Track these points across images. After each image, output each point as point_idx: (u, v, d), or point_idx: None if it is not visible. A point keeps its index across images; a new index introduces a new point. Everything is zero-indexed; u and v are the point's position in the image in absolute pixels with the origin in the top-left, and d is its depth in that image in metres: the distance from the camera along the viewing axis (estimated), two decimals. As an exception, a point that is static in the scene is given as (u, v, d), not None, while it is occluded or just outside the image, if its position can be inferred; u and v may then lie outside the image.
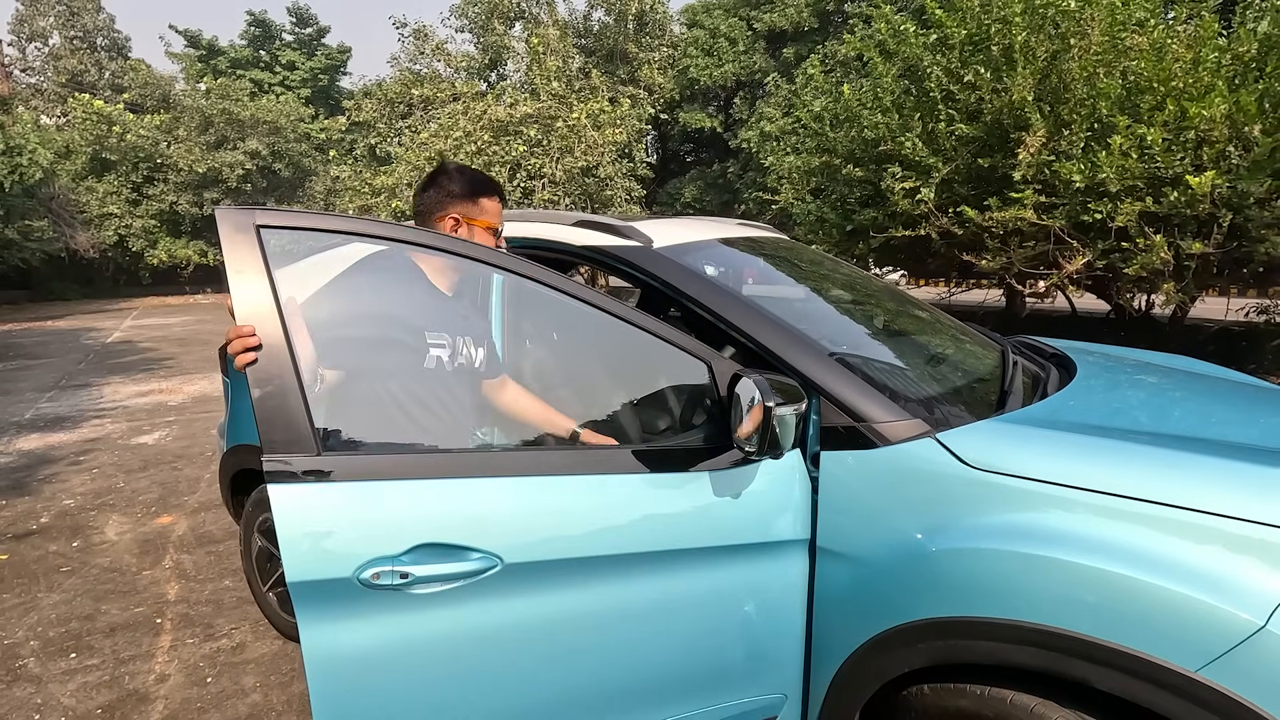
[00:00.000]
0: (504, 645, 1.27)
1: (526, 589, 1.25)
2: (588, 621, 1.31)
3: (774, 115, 15.05)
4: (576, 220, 1.84)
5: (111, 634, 2.62)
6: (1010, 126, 6.76)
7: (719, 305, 1.52)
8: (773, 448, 1.21)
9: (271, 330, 1.17)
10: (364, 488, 1.19)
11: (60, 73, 24.86)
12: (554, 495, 1.29)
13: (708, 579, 1.36)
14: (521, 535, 1.24)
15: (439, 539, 1.20)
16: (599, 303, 1.40)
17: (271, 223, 1.23)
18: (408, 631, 1.21)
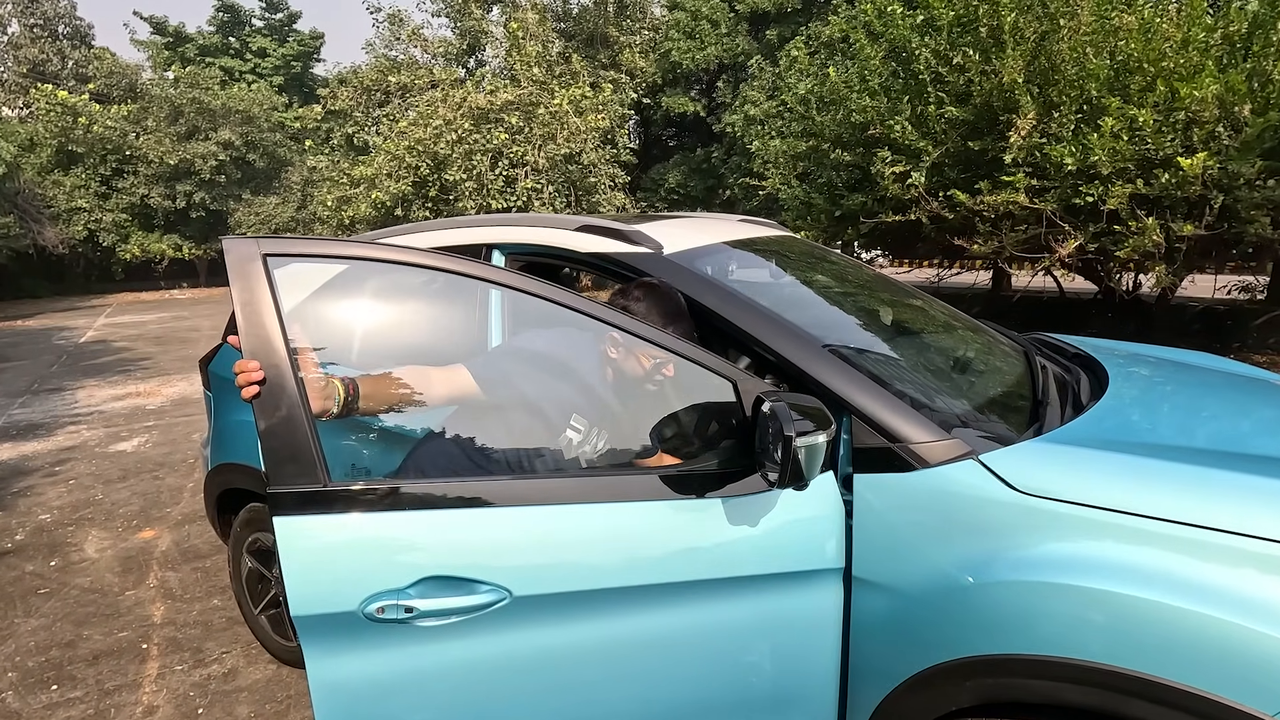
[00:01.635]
0: (513, 679, 1.23)
1: (537, 622, 1.21)
2: (600, 655, 1.25)
3: (758, 98, 14.88)
4: (580, 225, 1.73)
5: (95, 662, 2.50)
6: (1000, 109, 6.70)
7: (738, 317, 1.43)
8: (795, 479, 1.12)
9: (279, 360, 1.14)
10: (368, 518, 1.16)
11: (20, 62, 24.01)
12: (565, 524, 1.23)
13: (731, 610, 1.29)
14: (531, 567, 1.20)
15: (446, 571, 1.16)
16: (617, 321, 1.31)
17: (278, 251, 1.18)
18: (415, 664, 1.18)
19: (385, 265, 1.31)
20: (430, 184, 13.92)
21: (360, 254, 1.29)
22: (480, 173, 13.58)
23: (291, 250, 1.21)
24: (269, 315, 1.14)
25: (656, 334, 1.31)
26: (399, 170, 13.93)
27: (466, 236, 1.90)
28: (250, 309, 1.14)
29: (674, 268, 1.57)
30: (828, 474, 1.28)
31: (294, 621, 1.13)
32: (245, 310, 1.14)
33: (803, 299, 1.86)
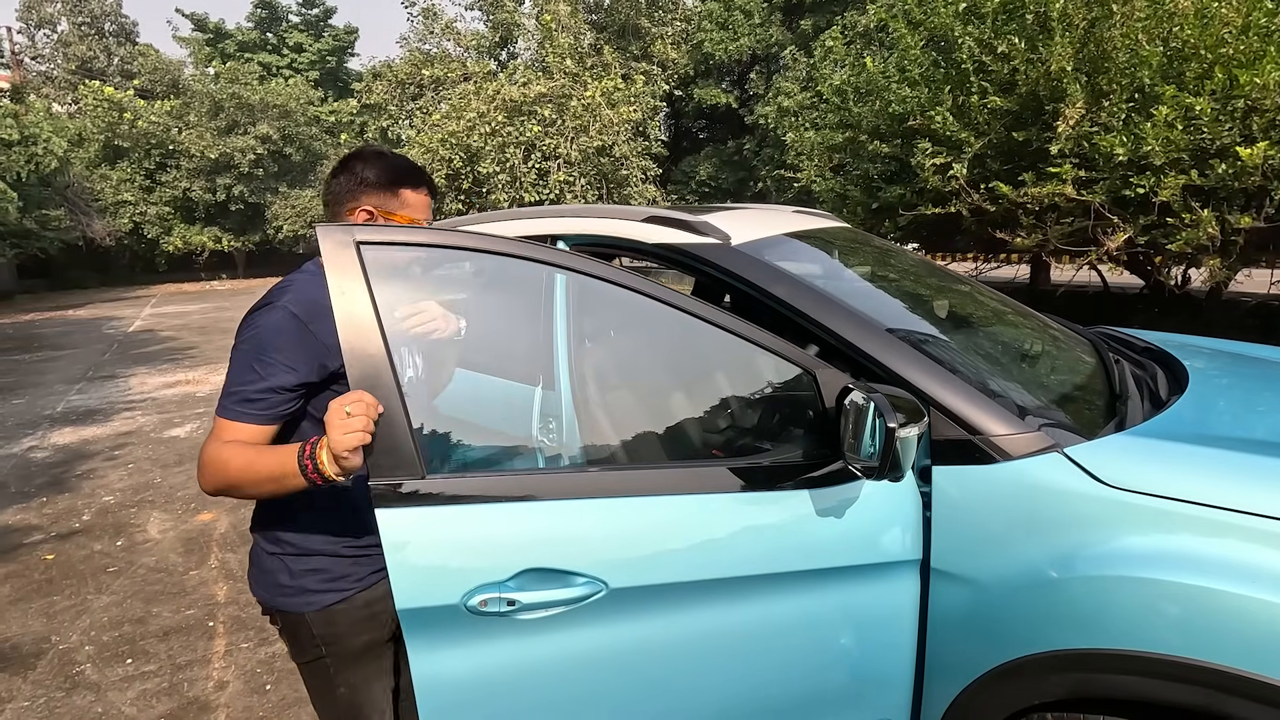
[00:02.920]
0: (609, 670, 1.25)
1: (631, 614, 1.22)
2: (691, 646, 1.27)
3: (792, 90, 14.72)
4: (647, 216, 1.74)
5: (165, 638, 2.60)
6: (1046, 98, 6.55)
7: (812, 308, 1.43)
8: (894, 469, 1.13)
9: (375, 350, 1.12)
10: (469, 511, 1.16)
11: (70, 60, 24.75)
12: (656, 516, 1.24)
13: (813, 601, 1.30)
14: (626, 559, 1.21)
15: (544, 564, 1.17)
16: (690, 308, 1.32)
17: (372, 239, 1.16)
18: (516, 657, 1.19)
19: (463, 254, 1.31)
20: (463, 176, 14.05)
21: (456, 243, 1.24)
22: (513, 165, 13.66)
23: (385, 238, 1.19)
24: (363, 304, 1.11)
25: (728, 318, 1.31)
26: (432, 163, 14.08)
27: (531, 227, 1.92)
28: (345, 298, 1.11)
29: (743, 258, 1.57)
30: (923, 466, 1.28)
31: (399, 615, 1.13)
32: (340, 299, 1.11)
33: (867, 291, 1.85)
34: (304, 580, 1.26)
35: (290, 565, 1.26)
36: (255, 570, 1.31)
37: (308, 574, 1.26)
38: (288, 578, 1.26)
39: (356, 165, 1.32)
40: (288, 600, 1.27)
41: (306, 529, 1.26)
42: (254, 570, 1.31)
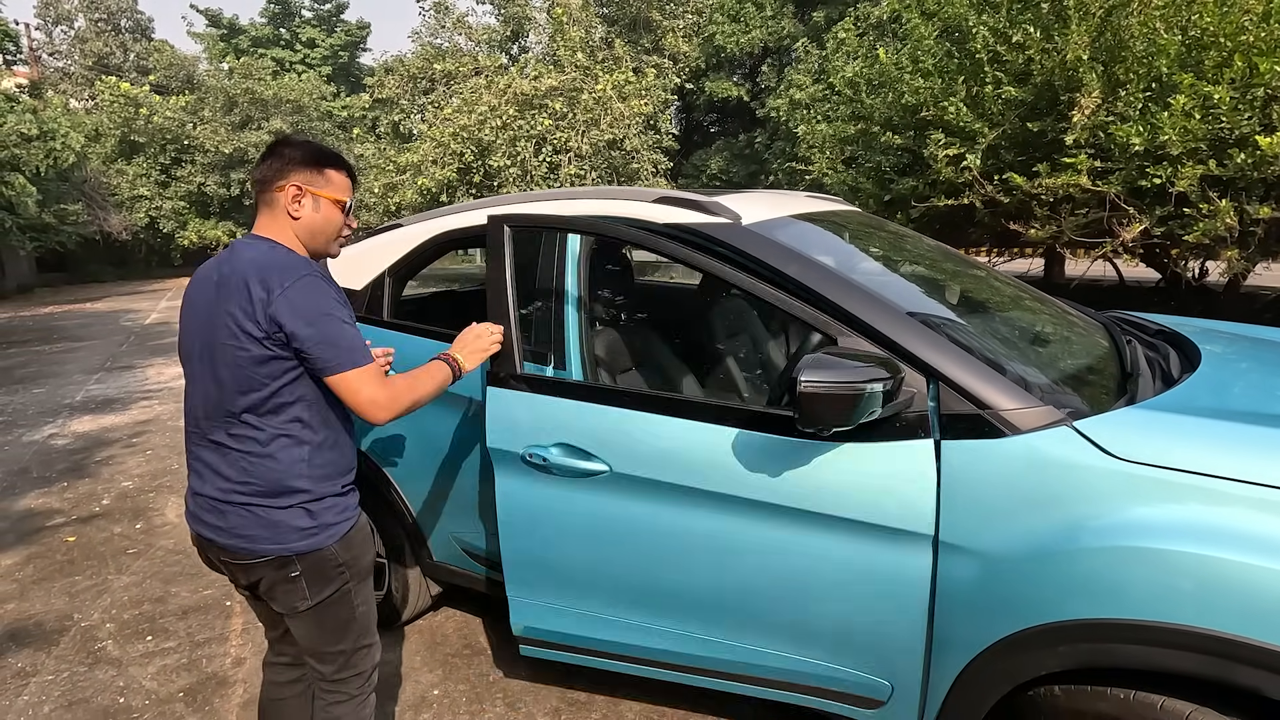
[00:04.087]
0: (619, 531, 1.63)
1: (635, 495, 1.58)
2: (677, 536, 1.57)
3: (804, 82, 14.63)
4: (657, 197, 1.76)
5: (184, 616, 2.65)
6: (1061, 88, 6.47)
7: (823, 286, 1.44)
8: (808, 423, 1.25)
9: (507, 295, 1.71)
10: (535, 397, 1.67)
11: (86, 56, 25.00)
12: (665, 429, 1.55)
13: (805, 541, 1.43)
14: (628, 453, 1.58)
15: (571, 441, 1.63)
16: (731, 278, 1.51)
17: (517, 222, 1.75)
18: (553, 498, 1.67)
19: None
20: (475, 170, 14.09)
21: (588, 229, 1.73)
22: (524, 159, 13.68)
23: (526, 221, 1.75)
24: (505, 269, 1.71)
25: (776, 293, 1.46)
26: (444, 157, 14.13)
27: (545, 209, 1.94)
28: (493, 263, 1.72)
29: (754, 237, 1.58)
30: (926, 442, 1.29)
31: (490, 452, 1.71)
32: (490, 265, 1.72)
33: (879, 272, 1.86)
34: (324, 517, 1.39)
35: (309, 508, 1.37)
36: (257, 530, 1.35)
37: (325, 511, 1.39)
38: (308, 519, 1.37)
39: (284, 149, 1.42)
40: (313, 539, 1.37)
41: (315, 477, 1.38)
42: (254, 532, 1.35)
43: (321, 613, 1.42)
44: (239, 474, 1.34)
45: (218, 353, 1.31)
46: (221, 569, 1.45)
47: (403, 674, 2.25)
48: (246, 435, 1.33)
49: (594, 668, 1.80)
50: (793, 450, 1.40)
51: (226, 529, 1.36)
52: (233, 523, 1.35)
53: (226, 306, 1.30)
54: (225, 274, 1.33)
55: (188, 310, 1.40)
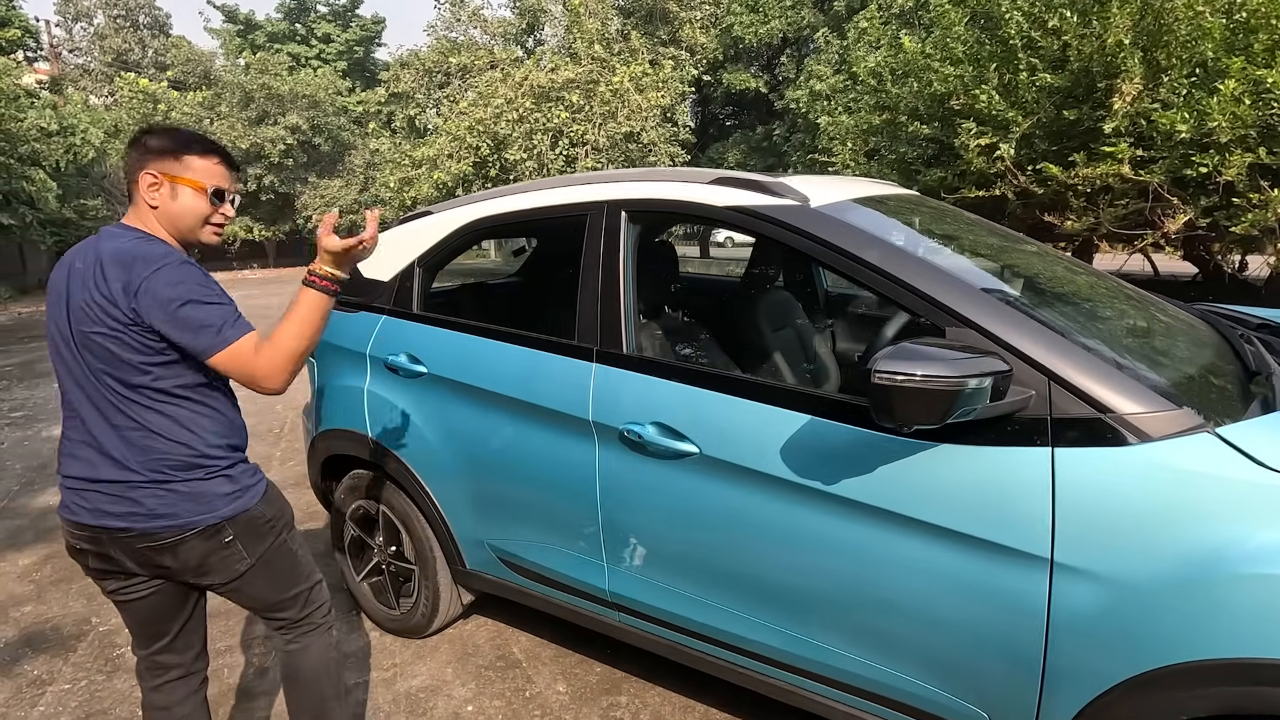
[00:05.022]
0: (705, 513, 1.60)
1: (722, 479, 1.54)
2: (766, 526, 1.50)
3: (824, 73, 14.35)
4: (715, 178, 1.62)
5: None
6: (1099, 74, 6.24)
7: (912, 275, 1.29)
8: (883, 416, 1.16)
9: (622, 283, 1.76)
10: (635, 376, 1.69)
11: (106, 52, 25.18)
12: (754, 414, 1.50)
13: (888, 544, 1.32)
14: (718, 436, 1.54)
15: (665, 421, 1.61)
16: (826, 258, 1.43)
17: (633, 207, 1.80)
18: (644, 475, 1.67)
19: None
20: (490, 164, 13.98)
21: (706, 215, 1.66)
22: (541, 152, 13.55)
23: (641, 206, 1.76)
24: (619, 252, 1.75)
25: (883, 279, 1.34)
26: (460, 151, 14.03)
27: (583, 194, 1.81)
28: (606, 248, 1.77)
29: (826, 220, 1.44)
30: (1035, 448, 1.14)
31: (593, 423, 1.72)
32: (594, 250, 1.79)
33: (963, 259, 1.70)
34: (242, 480, 1.42)
35: (229, 473, 1.40)
36: (181, 505, 1.33)
37: (241, 475, 1.42)
38: (230, 485, 1.39)
39: (144, 138, 1.40)
40: (239, 503, 1.40)
41: (224, 445, 1.40)
42: (178, 508, 1.33)
43: (268, 565, 1.45)
44: (145, 454, 1.32)
45: (91, 341, 1.29)
46: (112, 562, 1.36)
47: (433, 689, 2.13)
48: (147, 415, 1.32)
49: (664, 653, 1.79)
50: (881, 446, 1.29)
51: (143, 512, 1.32)
52: (150, 505, 1.32)
53: (92, 296, 1.28)
54: (88, 263, 1.31)
55: (54, 298, 1.35)
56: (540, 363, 1.81)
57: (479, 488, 1.98)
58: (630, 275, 1.72)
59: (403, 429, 2.08)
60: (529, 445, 1.85)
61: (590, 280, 1.75)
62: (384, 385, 2.13)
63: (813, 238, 1.41)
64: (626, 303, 1.70)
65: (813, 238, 1.41)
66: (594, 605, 1.85)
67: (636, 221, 1.76)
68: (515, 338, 1.89)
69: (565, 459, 1.77)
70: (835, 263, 1.38)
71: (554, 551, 1.87)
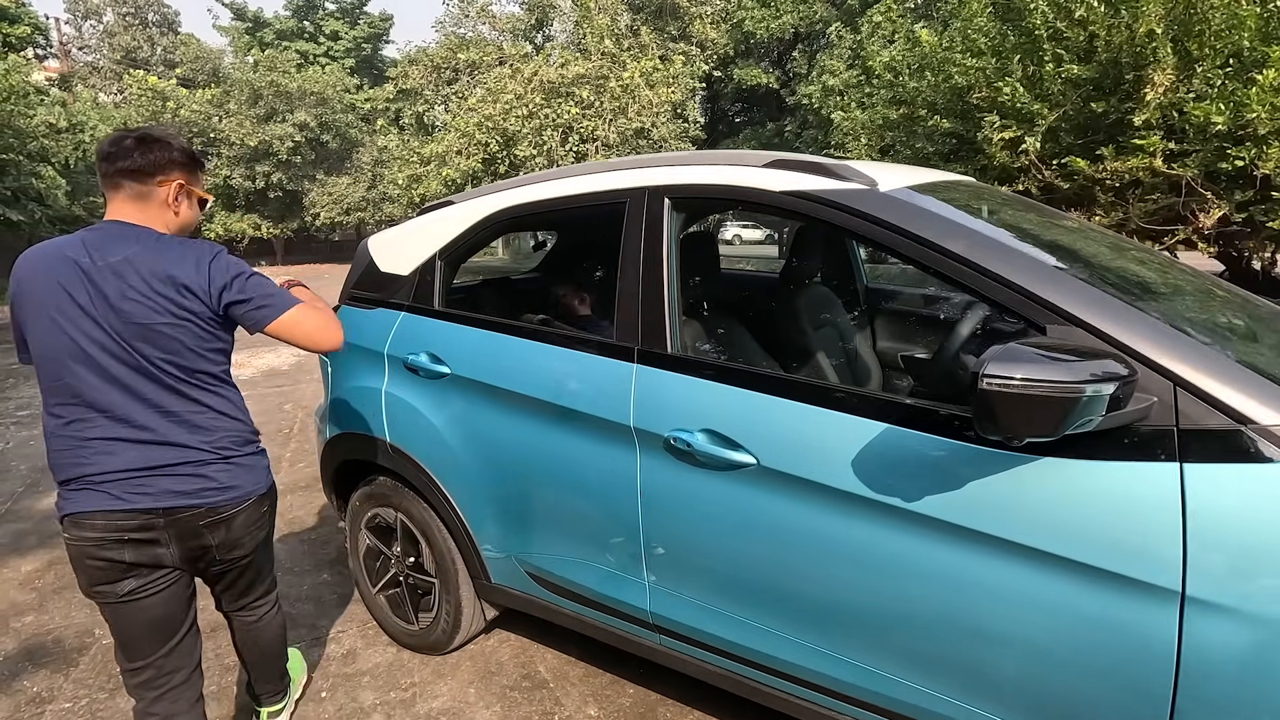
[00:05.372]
0: (763, 528, 1.44)
1: (783, 493, 1.39)
2: (833, 547, 1.35)
3: (837, 68, 14.16)
4: (770, 160, 1.48)
5: (212, 634, 2.42)
6: (1128, 65, 6.05)
7: (1007, 268, 1.15)
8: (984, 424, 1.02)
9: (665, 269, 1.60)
10: (682, 379, 1.53)
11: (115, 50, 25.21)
12: (817, 423, 1.35)
13: (981, 569, 1.17)
14: (779, 447, 1.39)
15: (718, 429, 1.46)
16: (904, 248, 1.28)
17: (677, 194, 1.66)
18: (693, 485, 1.51)
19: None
20: (500, 160, 13.86)
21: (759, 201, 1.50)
22: (550, 148, 13.42)
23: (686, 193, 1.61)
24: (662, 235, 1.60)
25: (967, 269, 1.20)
26: (469, 147, 13.92)
27: (621, 180, 1.67)
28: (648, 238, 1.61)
29: (901, 206, 1.30)
30: (1161, 463, 1.00)
31: (634, 429, 1.56)
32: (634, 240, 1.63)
33: (1054, 253, 1.53)
34: (266, 457, 1.61)
35: (264, 449, 1.61)
36: (244, 478, 1.50)
37: (264, 452, 1.62)
38: (266, 459, 1.61)
39: (169, 144, 1.48)
40: (270, 476, 1.61)
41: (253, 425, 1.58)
42: (241, 480, 1.49)
43: (270, 537, 1.66)
44: (210, 433, 1.44)
45: (154, 333, 1.36)
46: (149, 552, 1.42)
47: (455, 711, 1.99)
48: (208, 398, 1.45)
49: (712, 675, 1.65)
50: (973, 459, 1.15)
51: (215, 486, 1.44)
52: (221, 479, 1.45)
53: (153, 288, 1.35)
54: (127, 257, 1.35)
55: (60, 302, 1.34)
56: (575, 363, 1.67)
57: (506, 497, 1.84)
58: (674, 268, 1.57)
59: (423, 433, 1.95)
60: (562, 452, 1.70)
61: (630, 274, 1.61)
62: (403, 386, 2.00)
63: (888, 226, 1.27)
64: (670, 298, 1.56)
65: (888, 226, 1.27)
66: (632, 626, 1.70)
67: (680, 209, 1.62)
68: (547, 336, 1.75)
69: (602, 468, 1.62)
70: (915, 254, 1.24)
71: (588, 567, 1.73)
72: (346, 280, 2.31)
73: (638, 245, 1.60)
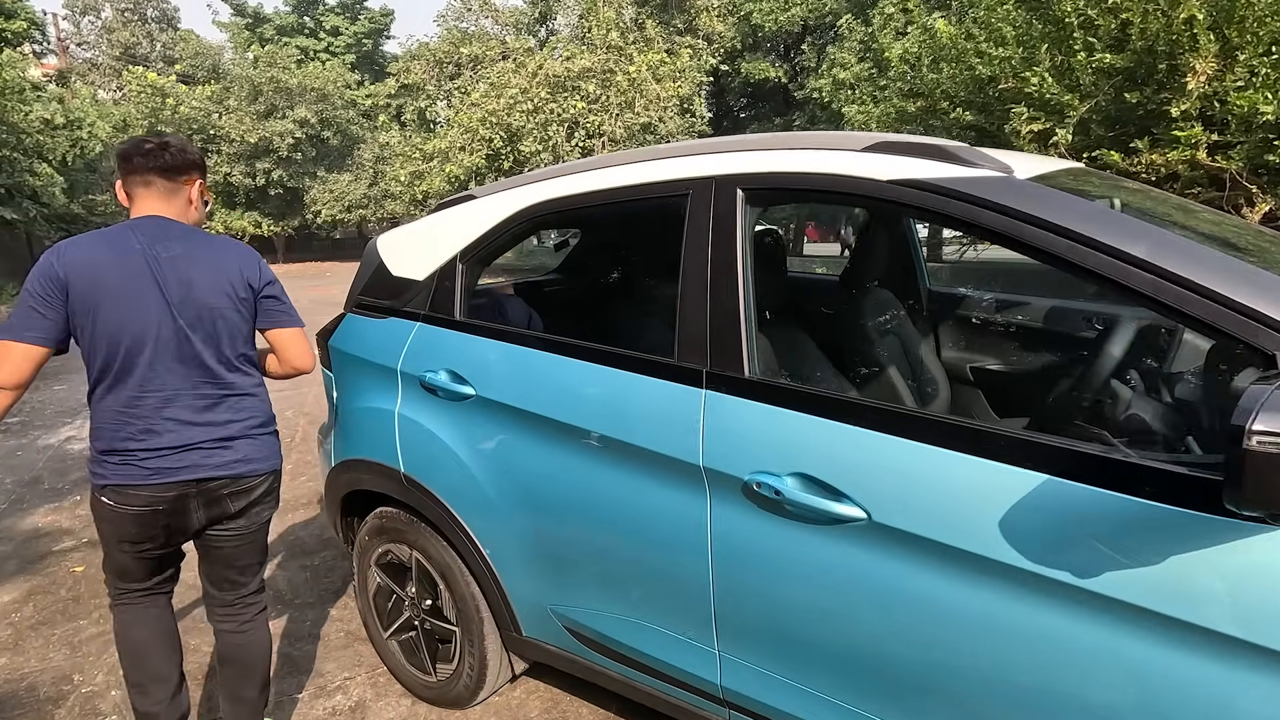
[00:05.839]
0: (874, 598, 1.18)
1: (901, 555, 1.14)
2: (970, 625, 1.08)
3: (848, 60, 13.88)
4: (872, 143, 1.22)
5: (205, 681, 2.18)
6: (1164, 54, 5.78)
7: (1217, 278, 0.89)
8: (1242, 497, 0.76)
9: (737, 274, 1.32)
10: (768, 409, 1.27)
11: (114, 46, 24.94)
12: (949, 471, 1.09)
13: (1198, 673, 0.91)
14: (898, 499, 1.14)
15: (816, 474, 1.20)
16: None
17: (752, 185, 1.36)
18: (781, 540, 1.26)
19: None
20: (504, 157, 13.61)
21: (859, 193, 1.25)
22: (556, 144, 13.16)
23: (764, 183, 1.34)
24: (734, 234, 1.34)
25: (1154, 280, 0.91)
26: (472, 143, 13.66)
27: (682, 169, 1.41)
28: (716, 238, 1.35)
29: (1055, 200, 1.03)
30: None
31: (704, 469, 1.31)
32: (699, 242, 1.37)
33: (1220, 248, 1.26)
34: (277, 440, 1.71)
35: (278, 432, 1.71)
36: (265, 453, 1.63)
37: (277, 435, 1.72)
38: (278, 440, 1.70)
39: (189, 148, 1.65)
40: (280, 458, 1.70)
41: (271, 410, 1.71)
42: (263, 454, 1.62)
43: (267, 523, 1.71)
44: (238, 413, 1.57)
45: (220, 316, 1.53)
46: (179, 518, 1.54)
47: (478, 773, 1.75)
48: (243, 380, 1.59)
49: None
50: (1196, 531, 0.89)
51: (239, 459, 1.56)
52: (245, 452, 1.58)
53: (225, 275, 1.53)
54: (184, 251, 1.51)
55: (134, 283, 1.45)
56: (627, 387, 1.42)
57: (541, 541, 1.59)
58: (749, 274, 1.31)
59: (443, 464, 1.70)
60: (611, 492, 1.44)
61: (694, 281, 1.35)
62: (419, 409, 1.74)
63: (1046, 226, 1.01)
64: (746, 310, 1.30)
65: (1046, 226, 1.01)
66: (698, 699, 1.45)
67: (756, 202, 1.36)
68: (593, 354, 1.49)
69: (663, 513, 1.37)
70: (1086, 261, 0.98)
71: (643, 628, 1.48)
72: (353, 285, 2.06)
73: (704, 246, 1.34)
